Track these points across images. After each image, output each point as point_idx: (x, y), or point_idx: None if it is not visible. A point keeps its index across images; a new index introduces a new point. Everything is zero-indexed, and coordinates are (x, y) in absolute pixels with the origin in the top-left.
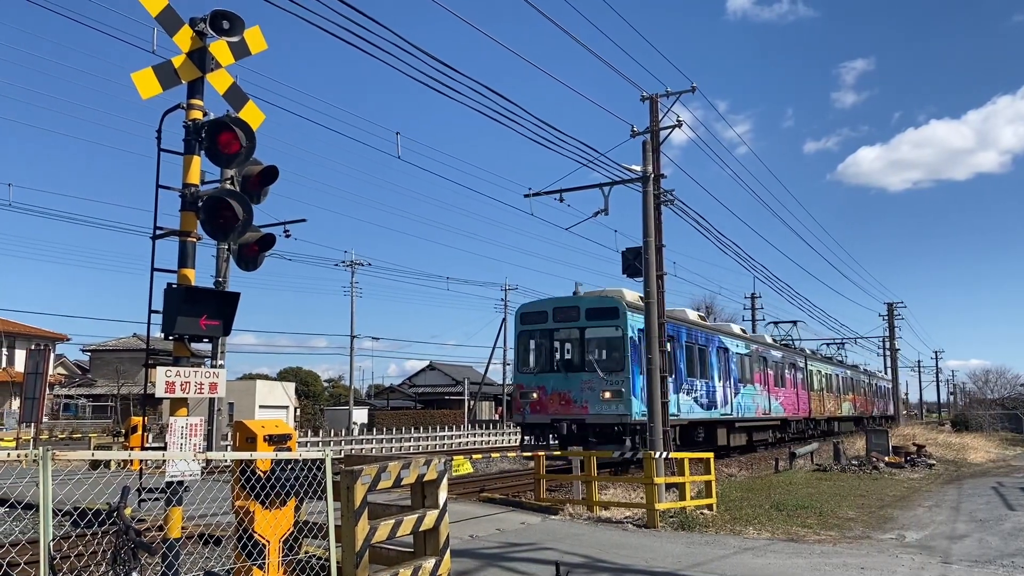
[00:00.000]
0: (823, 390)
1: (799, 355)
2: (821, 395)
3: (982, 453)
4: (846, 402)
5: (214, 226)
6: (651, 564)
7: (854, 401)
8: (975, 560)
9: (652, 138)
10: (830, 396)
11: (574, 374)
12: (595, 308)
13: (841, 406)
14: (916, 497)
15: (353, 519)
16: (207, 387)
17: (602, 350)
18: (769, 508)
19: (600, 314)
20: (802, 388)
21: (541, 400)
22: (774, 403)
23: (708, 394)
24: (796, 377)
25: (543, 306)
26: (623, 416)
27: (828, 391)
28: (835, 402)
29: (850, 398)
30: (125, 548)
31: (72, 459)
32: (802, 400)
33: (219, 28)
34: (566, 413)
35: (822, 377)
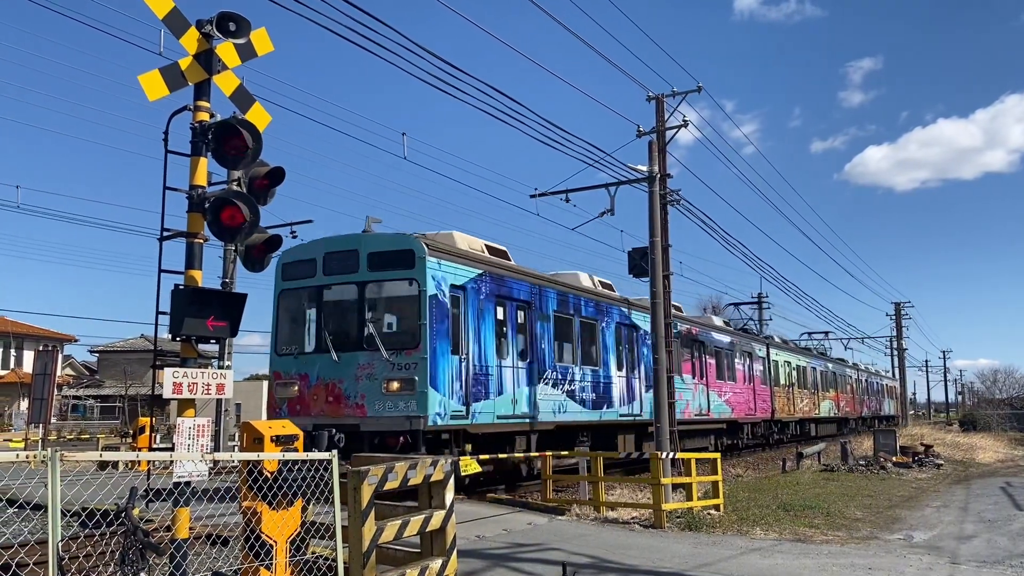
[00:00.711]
0: (792, 386)
1: (759, 342)
2: (789, 392)
3: (990, 453)
4: (826, 401)
5: (221, 227)
6: (658, 565)
7: (837, 400)
8: (983, 560)
9: (658, 138)
10: (803, 393)
11: (348, 354)
12: (381, 253)
13: (819, 405)
14: (924, 497)
15: (360, 520)
16: (214, 388)
17: (389, 316)
18: (776, 508)
19: (388, 261)
20: (761, 383)
21: (302, 396)
22: (716, 401)
23: (595, 387)
24: (752, 369)
25: (311, 251)
26: (415, 419)
27: (801, 387)
28: (810, 400)
29: (831, 396)
30: (133, 548)
31: (80, 460)
32: (762, 398)
33: (225, 30)
34: (335, 415)
35: (792, 370)
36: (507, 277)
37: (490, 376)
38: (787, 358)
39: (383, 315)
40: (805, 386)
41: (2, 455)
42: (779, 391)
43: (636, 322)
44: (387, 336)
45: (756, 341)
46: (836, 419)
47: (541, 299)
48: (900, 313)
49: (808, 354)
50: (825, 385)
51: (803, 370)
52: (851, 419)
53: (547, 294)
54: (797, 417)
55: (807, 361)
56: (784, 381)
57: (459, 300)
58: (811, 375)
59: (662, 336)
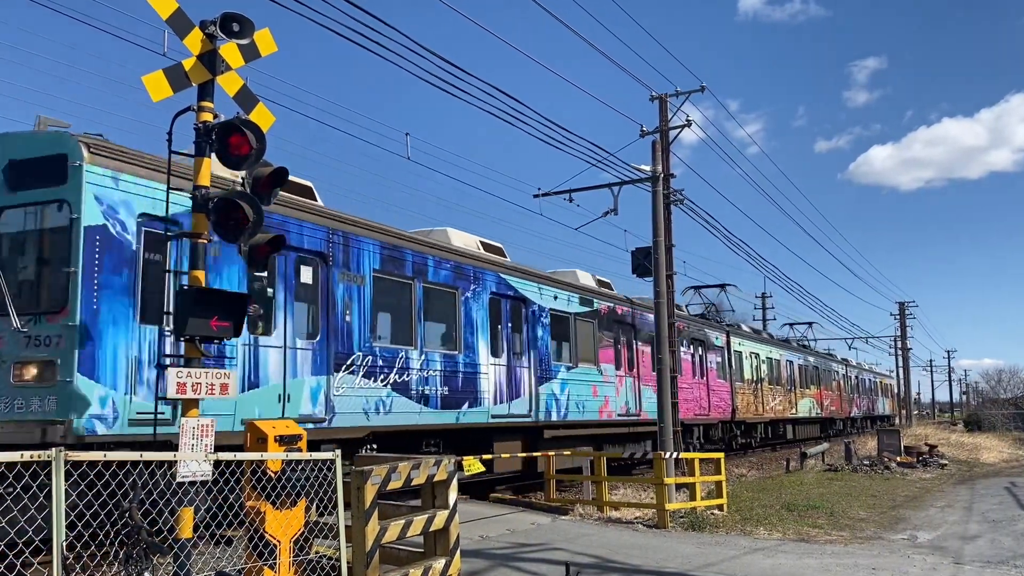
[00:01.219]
0: (761, 382)
1: (716, 329)
2: (756, 388)
3: (995, 453)
4: (805, 399)
5: (225, 227)
6: (661, 564)
7: (819, 398)
8: (987, 561)
9: (661, 138)
10: (775, 390)
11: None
12: (24, 162)
13: (795, 404)
14: (928, 497)
15: (363, 519)
16: (218, 388)
17: (28, 260)
18: (780, 508)
19: (33, 174)
20: (718, 377)
21: None
22: (652, 398)
23: (450, 379)
24: (707, 361)
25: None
26: (51, 426)
27: (773, 383)
28: (785, 399)
29: (813, 394)
30: (137, 549)
31: (84, 459)
32: (718, 395)
33: (229, 31)
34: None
35: (760, 363)
36: (277, 214)
37: (230, 359)
38: (754, 349)
39: (20, 259)
40: (778, 382)
41: (7, 454)
42: (743, 388)
43: (526, 295)
44: (23, 293)
45: (712, 328)
46: (819, 420)
47: (347, 252)
48: (904, 313)
49: (784, 346)
50: (805, 381)
51: (776, 363)
52: (838, 419)
53: (360, 246)
54: (767, 418)
55: (781, 353)
56: (750, 376)
57: (158, 240)
58: (786, 369)
59: (665, 336)
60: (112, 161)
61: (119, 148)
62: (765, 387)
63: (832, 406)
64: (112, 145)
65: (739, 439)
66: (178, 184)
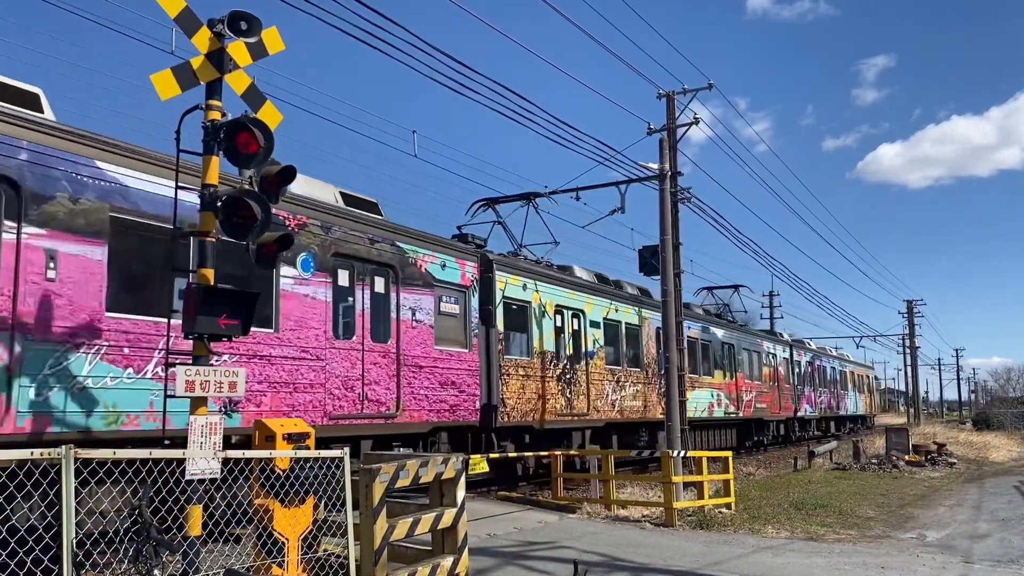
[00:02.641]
0: (585, 359)
1: (447, 251)
2: (568, 370)
3: (1004, 452)
4: (705, 391)
5: (233, 226)
6: (669, 563)
7: (734, 390)
8: (997, 560)
9: (669, 136)
10: (626, 375)
11: None
12: None
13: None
14: (937, 496)
15: (371, 517)
16: (226, 386)
17: None
18: (788, 507)
19: None
20: (437, 348)
21: None
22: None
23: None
24: (413, 311)
25: None
26: None
27: (618, 363)
28: (647, 389)
29: (718, 383)
30: (147, 546)
31: (93, 457)
32: (429, 381)
33: (237, 29)
34: None
35: (584, 327)
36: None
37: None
38: (567, 300)
39: None
40: (636, 362)
41: (16, 452)
42: (524, 368)
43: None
44: None
45: (447, 250)
46: (735, 421)
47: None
48: (912, 311)
49: (645, 304)
50: (709, 365)
51: (626, 332)
52: (772, 421)
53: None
54: (595, 420)
55: (637, 314)
56: (551, 347)
57: None
58: (653, 343)
59: (673, 334)
60: None
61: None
62: (595, 369)
63: (762, 402)
64: None
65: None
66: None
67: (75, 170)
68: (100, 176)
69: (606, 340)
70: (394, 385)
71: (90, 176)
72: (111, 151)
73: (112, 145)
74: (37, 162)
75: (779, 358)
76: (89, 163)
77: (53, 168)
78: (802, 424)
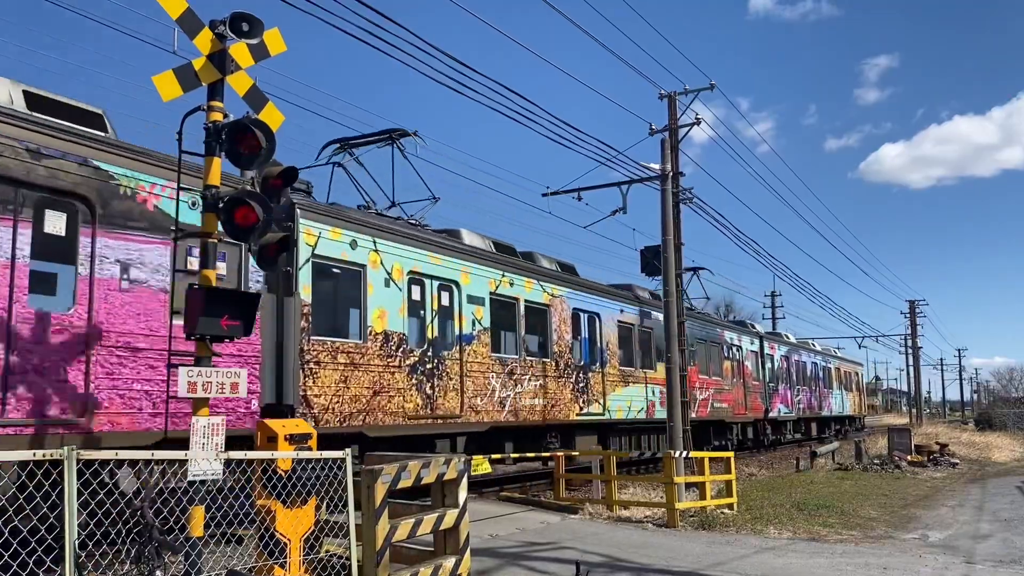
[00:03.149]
0: (465, 342)
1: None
2: (430, 360)
3: (1006, 452)
4: (632, 387)
5: (235, 227)
6: (671, 563)
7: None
8: (999, 560)
9: (670, 136)
10: (521, 367)
11: None
12: None
13: (600, 395)
14: (939, 496)
15: (373, 518)
16: (228, 387)
17: None
18: (790, 507)
19: None
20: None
21: None
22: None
23: None
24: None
25: None
26: None
27: (518, 352)
28: (556, 385)
29: (658, 378)
30: (149, 547)
31: (96, 458)
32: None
33: (239, 30)
34: None
35: (457, 301)
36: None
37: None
38: (435, 268)
39: None
40: (542, 351)
41: (19, 453)
42: (350, 355)
43: None
44: None
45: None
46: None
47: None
48: (915, 311)
49: (561, 280)
50: (650, 357)
51: (526, 313)
52: (737, 423)
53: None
54: (468, 424)
55: (552, 293)
56: (399, 327)
57: None
58: (568, 328)
59: (675, 334)
60: None
61: None
62: (476, 357)
63: (722, 401)
64: None
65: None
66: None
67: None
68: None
69: (495, 322)
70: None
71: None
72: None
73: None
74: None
75: (745, 351)
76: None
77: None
78: (776, 426)
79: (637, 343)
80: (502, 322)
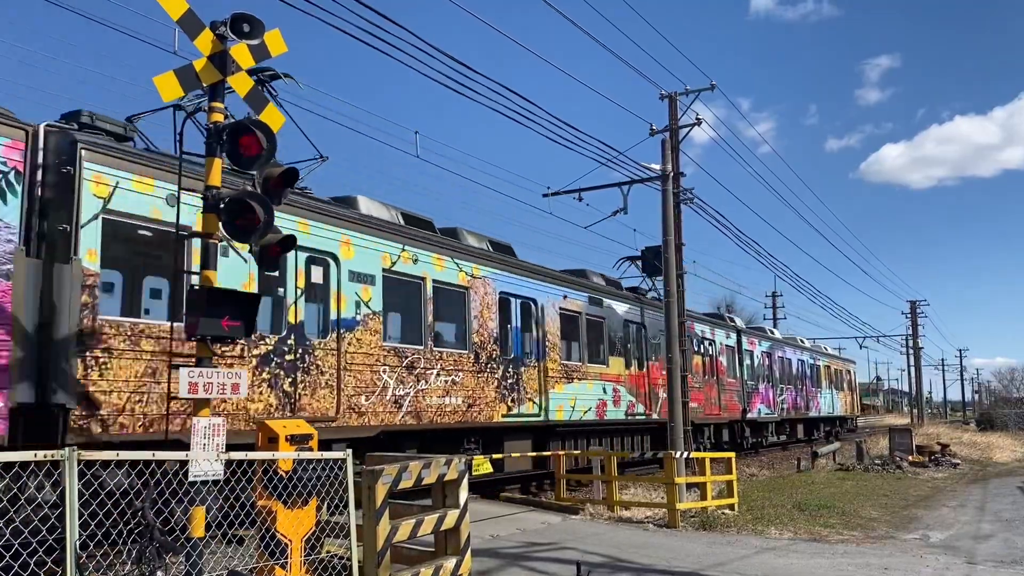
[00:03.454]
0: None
1: None
2: (398, 362)
3: (1008, 452)
4: (582, 383)
5: (236, 228)
6: (672, 564)
7: (641, 384)
8: (1001, 560)
9: (671, 136)
10: (417, 359)
11: None
12: None
13: (539, 393)
14: (940, 497)
15: (374, 519)
16: (229, 388)
17: None
18: (791, 508)
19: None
20: None
21: None
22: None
23: None
24: None
25: None
26: None
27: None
28: (472, 379)
29: (626, 377)
30: (150, 548)
31: (97, 459)
32: None
33: (240, 31)
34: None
35: (434, 291)
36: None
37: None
38: (303, 238)
39: None
40: (458, 340)
41: (21, 454)
42: (161, 341)
43: None
44: None
45: None
46: (645, 426)
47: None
48: (916, 311)
49: (500, 262)
50: (602, 349)
51: (435, 295)
52: (709, 425)
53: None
54: (348, 428)
55: (472, 274)
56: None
57: None
58: (492, 315)
59: (676, 335)
60: None
61: None
62: (361, 347)
63: (692, 400)
64: None
65: None
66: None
67: None
68: None
69: (389, 304)
70: None
71: None
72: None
73: None
74: None
75: (719, 346)
76: None
77: None
78: (756, 428)
79: (585, 334)
80: (401, 306)
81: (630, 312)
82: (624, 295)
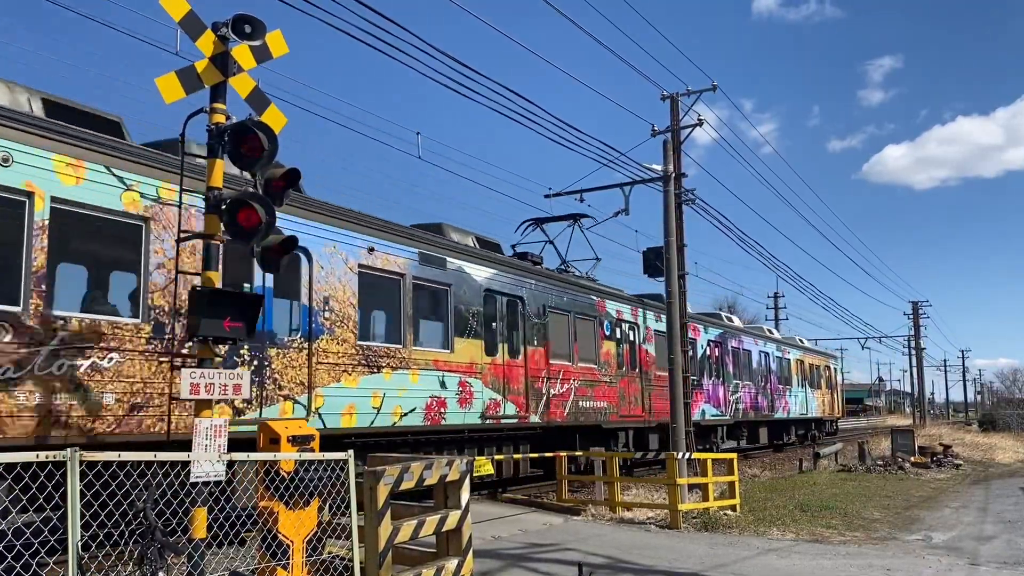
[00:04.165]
0: None
1: None
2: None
3: (1010, 453)
4: (396, 373)
5: (238, 229)
6: (674, 565)
7: (515, 376)
8: (1003, 562)
9: (673, 137)
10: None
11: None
12: None
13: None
14: (943, 498)
15: (376, 520)
16: (231, 389)
17: None
18: (793, 509)
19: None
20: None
21: None
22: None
23: None
24: None
25: None
26: None
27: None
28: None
29: (486, 366)
30: (152, 549)
31: (99, 460)
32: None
33: (241, 32)
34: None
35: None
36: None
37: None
38: None
39: None
40: (135, 310)
41: (23, 455)
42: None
43: None
44: None
45: None
46: (521, 431)
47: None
48: (918, 312)
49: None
50: (446, 329)
51: (77, 225)
52: (627, 429)
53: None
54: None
55: (163, 196)
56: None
57: None
58: (194, 262)
59: (677, 336)
60: None
61: None
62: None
63: (598, 398)
64: None
65: None
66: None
67: None
68: None
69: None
70: None
71: None
72: None
73: None
74: None
75: (643, 332)
76: None
77: None
78: (700, 433)
79: (409, 306)
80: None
81: (498, 281)
82: (491, 256)
